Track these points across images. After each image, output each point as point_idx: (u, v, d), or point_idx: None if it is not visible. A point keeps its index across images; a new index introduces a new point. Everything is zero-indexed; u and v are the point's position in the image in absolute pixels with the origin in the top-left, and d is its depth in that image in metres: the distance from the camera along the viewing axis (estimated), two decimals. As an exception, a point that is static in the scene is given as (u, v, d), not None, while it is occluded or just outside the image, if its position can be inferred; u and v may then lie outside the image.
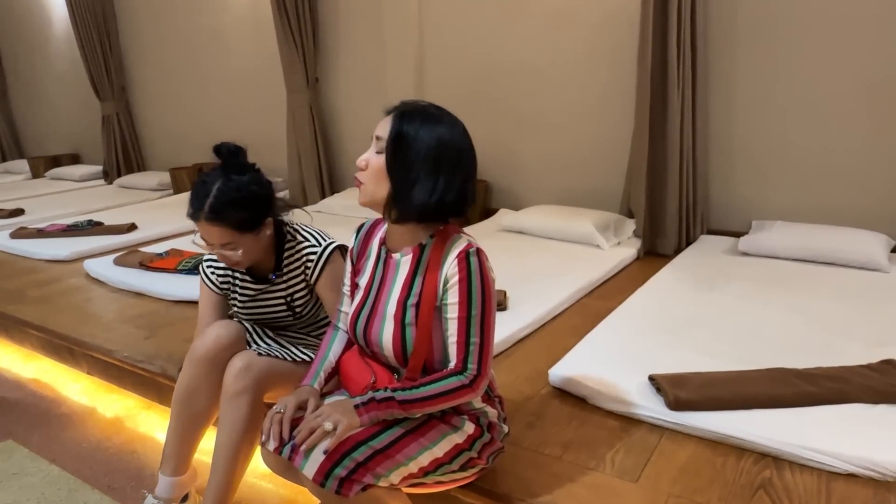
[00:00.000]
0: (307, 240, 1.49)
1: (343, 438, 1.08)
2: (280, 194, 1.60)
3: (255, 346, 1.44)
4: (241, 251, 1.38)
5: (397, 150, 1.12)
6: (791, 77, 2.79)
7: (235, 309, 1.57)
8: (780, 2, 2.75)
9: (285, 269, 1.49)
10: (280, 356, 1.43)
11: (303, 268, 1.48)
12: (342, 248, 1.50)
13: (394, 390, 1.12)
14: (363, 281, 1.28)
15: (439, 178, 1.12)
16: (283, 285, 1.50)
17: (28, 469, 1.75)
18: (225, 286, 1.55)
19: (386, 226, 1.25)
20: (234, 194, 1.33)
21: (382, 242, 1.26)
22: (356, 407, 1.11)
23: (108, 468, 1.75)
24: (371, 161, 1.15)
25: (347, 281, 1.34)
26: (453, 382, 1.12)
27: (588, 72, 3.26)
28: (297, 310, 1.52)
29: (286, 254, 1.49)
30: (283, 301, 1.51)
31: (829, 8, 2.65)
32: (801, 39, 2.73)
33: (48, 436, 1.92)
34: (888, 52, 2.58)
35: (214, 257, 1.52)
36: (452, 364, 1.14)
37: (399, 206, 1.14)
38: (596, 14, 3.16)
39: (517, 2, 3.39)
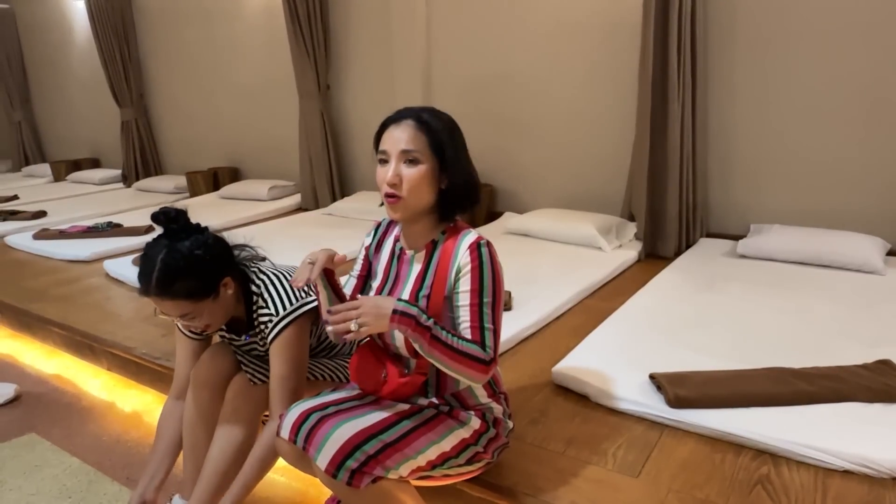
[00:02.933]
0: (266, 306, 1.35)
1: (361, 337, 1.11)
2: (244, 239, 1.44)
3: (249, 372, 1.41)
4: (203, 318, 1.28)
5: (443, 146, 1.17)
6: (788, 84, 2.81)
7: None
8: (778, 11, 2.77)
9: (257, 329, 1.40)
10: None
11: (261, 331, 1.40)
12: (309, 313, 1.37)
13: (434, 324, 1.10)
14: (378, 276, 1.31)
15: (466, 151, 1.23)
16: (260, 341, 1.43)
17: (50, 461, 1.80)
18: (198, 334, 1.50)
19: (400, 225, 1.29)
20: (178, 264, 1.22)
21: (397, 240, 1.30)
22: (393, 312, 1.07)
23: (127, 460, 1.79)
24: (405, 173, 1.14)
25: (358, 266, 1.35)
26: (477, 351, 1.12)
27: (591, 80, 3.30)
28: None
29: (255, 315, 1.38)
30: (261, 354, 1.47)
31: (826, 17, 2.68)
32: (798, 47, 2.75)
33: (69, 429, 1.97)
34: (883, 58, 2.60)
35: None
36: None
37: (470, 198, 1.22)
38: (598, 24, 3.20)
39: (521, 12, 3.44)
